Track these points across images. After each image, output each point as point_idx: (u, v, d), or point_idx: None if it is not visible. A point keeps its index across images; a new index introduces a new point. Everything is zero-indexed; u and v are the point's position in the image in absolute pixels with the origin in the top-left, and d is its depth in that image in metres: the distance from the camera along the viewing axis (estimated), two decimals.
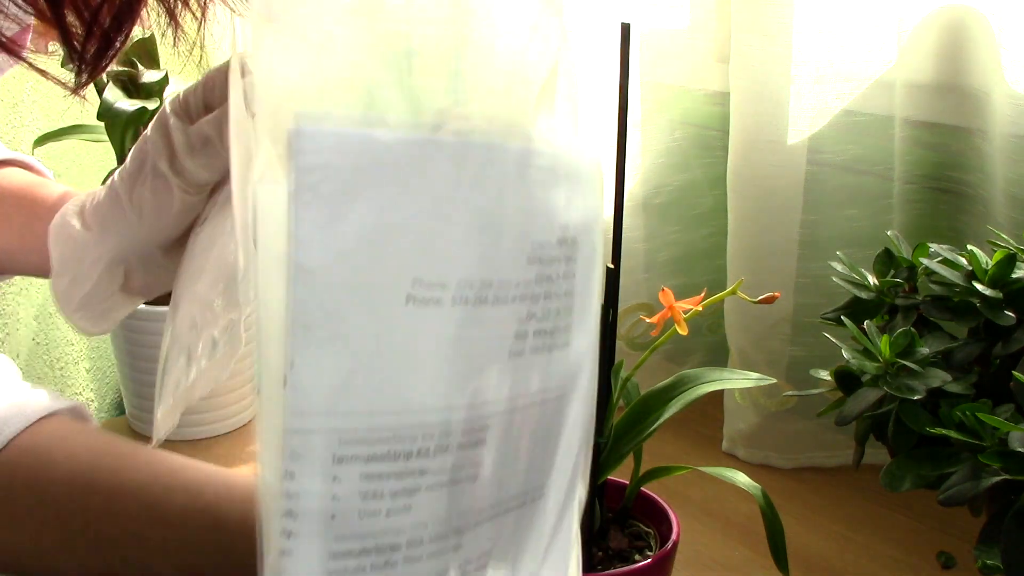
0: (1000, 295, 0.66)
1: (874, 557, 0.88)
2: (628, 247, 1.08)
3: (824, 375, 0.70)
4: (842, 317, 0.71)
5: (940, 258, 0.70)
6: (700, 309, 0.67)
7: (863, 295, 0.73)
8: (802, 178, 0.93)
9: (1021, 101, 0.81)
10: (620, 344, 1.09)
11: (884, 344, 0.65)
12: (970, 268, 0.68)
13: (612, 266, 0.68)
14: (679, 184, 1.10)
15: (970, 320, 0.67)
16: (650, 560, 0.72)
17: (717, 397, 1.04)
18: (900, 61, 0.90)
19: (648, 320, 0.69)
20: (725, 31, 1.02)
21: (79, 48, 0.46)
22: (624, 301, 0.95)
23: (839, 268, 0.75)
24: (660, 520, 0.75)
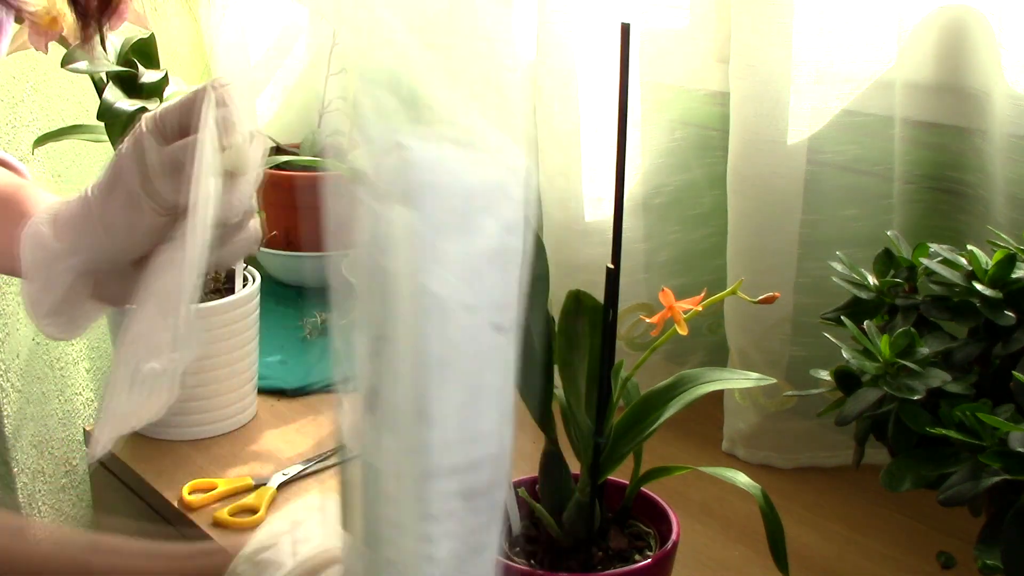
0: (1000, 295, 0.66)
1: (874, 557, 0.88)
2: (628, 247, 1.08)
3: (824, 375, 0.70)
4: (842, 317, 0.71)
5: (940, 258, 0.70)
6: (700, 309, 0.67)
7: (863, 295, 0.73)
8: (802, 178, 0.93)
9: (1021, 101, 0.81)
10: (620, 344, 1.09)
11: (884, 344, 0.65)
12: (970, 268, 0.68)
13: (612, 266, 0.68)
14: (679, 184, 1.10)
15: (970, 320, 0.67)
16: (650, 560, 0.72)
17: (717, 397, 1.04)
18: (900, 61, 0.90)
19: (648, 320, 0.69)
20: (725, 31, 1.02)
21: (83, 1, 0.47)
22: (624, 301, 0.94)
23: (839, 268, 0.75)
24: (660, 520, 0.75)
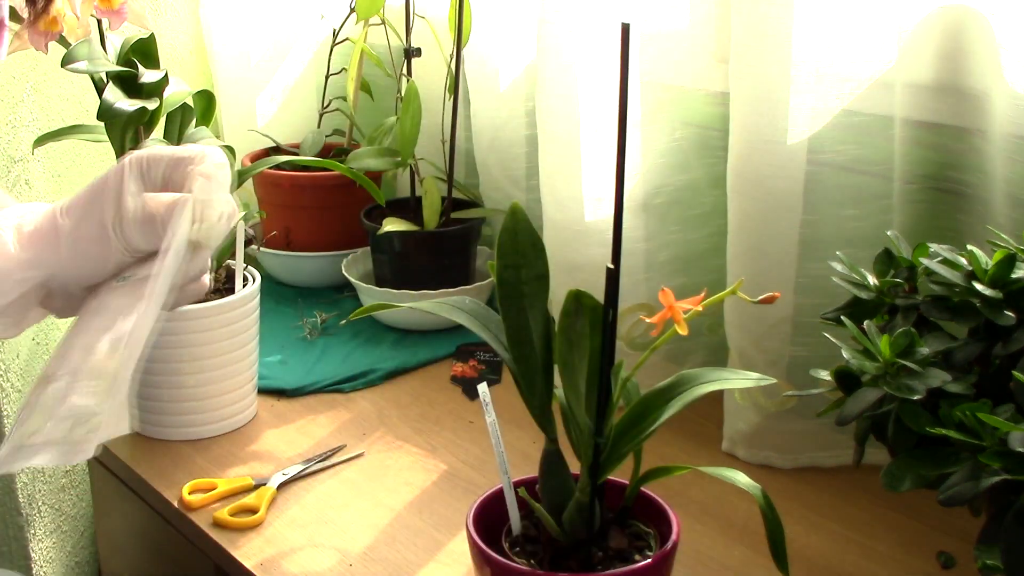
0: (1000, 295, 0.66)
1: (874, 557, 0.88)
2: (628, 247, 1.08)
3: (824, 375, 0.70)
4: (842, 317, 0.71)
5: (940, 258, 0.70)
6: (700, 309, 0.67)
7: (863, 295, 0.73)
8: (802, 178, 0.93)
9: (1021, 101, 0.81)
10: (620, 344, 1.09)
11: (884, 344, 0.65)
12: (970, 268, 0.68)
13: (612, 266, 0.68)
14: (679, 184, 1.10)
15: (970, 320, 0.67)
16: (650, 560, 0.72)
17: (717, 397, 1.04)
18: (900, 61, 0.90)
19: (648, 320, 0.69)
20: (725, 31, 1.02)
21: None
22: (624, 301, 0.95)
23: (839, 268, 0.75)
24: (660, 520, 0.75)
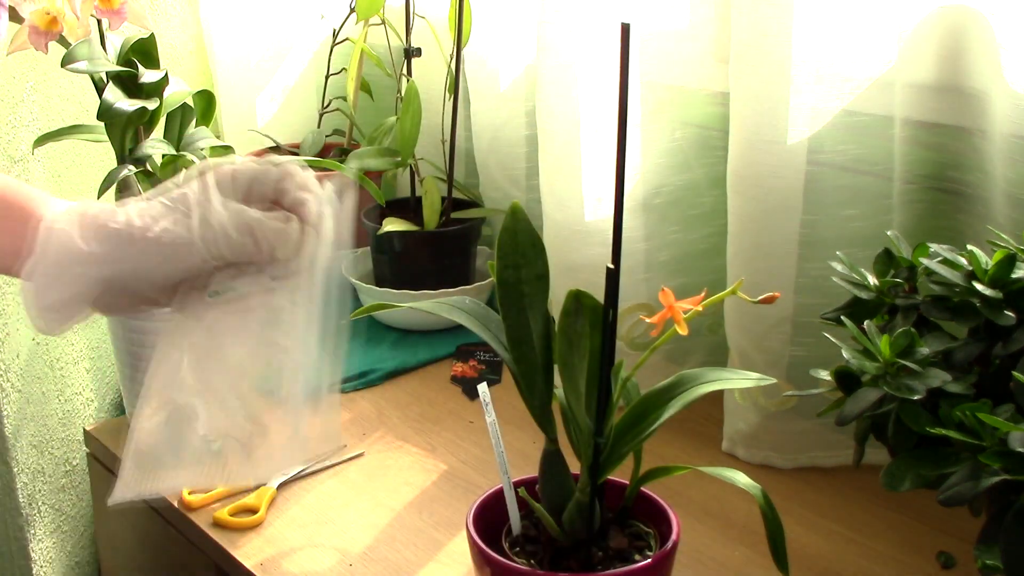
0: (1000, 295, 0.66)
1: (874, 557, 0.88)
2: (628, 247, 1.08)
3: (824, 375, 0.70)
4: (842, 317, 0.71)
5: (940, 258, 0.70)
6: (700, 309, 0.67)
7: (863, 295, 0.73)
8: (802, 178, 0.93)
9: (1021, 101, 0.81)
10: (620, 344, 1.09)
11: (884, 344, 0.65)
12: (970, 268, 0.68)
13: (612, 266, 0.68)
14: (679, 184, 1.10)
15: (970, 320, 0.67)
16: (650, 560, 0.72)
17: (717, 397, 1.04)
18: (900, 61, 0.90)
19: (648, 320, 0.69)
20: (725, 31, 1.02)
21: None
22: (624, 301, 0.94)
23: (839, 268, 0.75)
24: (660, 520, 0.75)
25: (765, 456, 1.01)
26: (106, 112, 0.97)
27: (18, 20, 0.96)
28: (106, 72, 0.98)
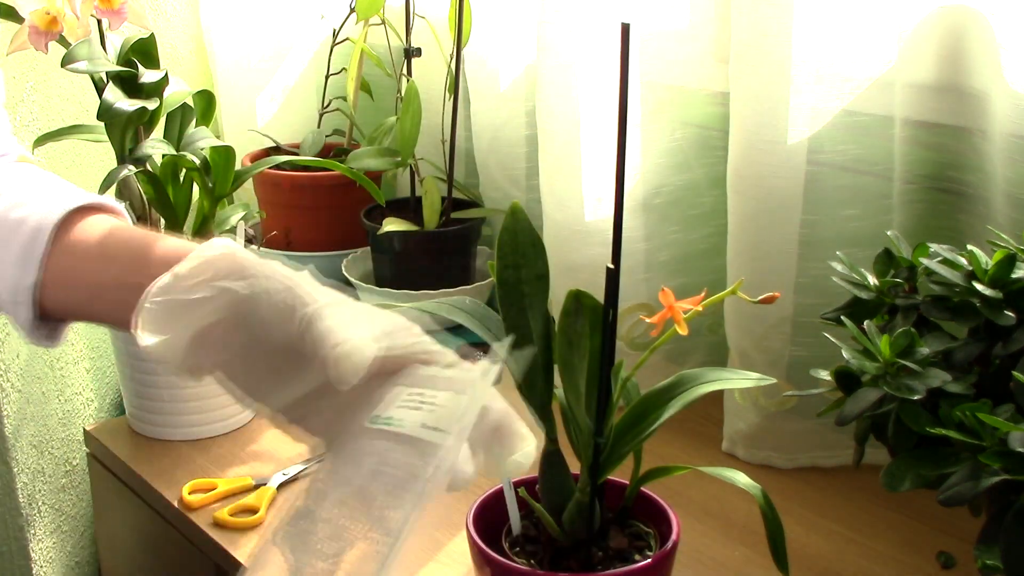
0: (1000, 295, 0.66)
1: (874, 557, 0.88)
2: (628, 247, 1.08)
3: (824, 375, 0.70)
4: (842, 317, 0.71)
5: (940, 258, 0.70)
6: (700, 309, 0.67)
7: (863, 295, 0.73)
8: (802, 178, 0.93)
9: (1021, 101, 0.81)
10: (620, 344, 1.09)
11: (884, 344, 0.65)
12: (970, 268, 0.68)
13: (612, 266, 0.68)
14: (679, 184, 1.10)
15: (970, 320, 0.67)
16: (650, 560, 0.72)
17: (717, 397, 1.04)
18: (900, 61, 0.90)
19: (648, 320, 0.69)
20: (725, 31, 1.02)
21: None
22: (624, 301, 0.94)
23: (839, 268, 0.75)
24: (660, 520, 0.75)
25: (765, 456, 1.01)
26: (106, 112, 0.97)
27: (18, 20, 0.96)
28: (106, 72, 0.98)
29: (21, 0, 0.95)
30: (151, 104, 0.99)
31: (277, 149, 1.49)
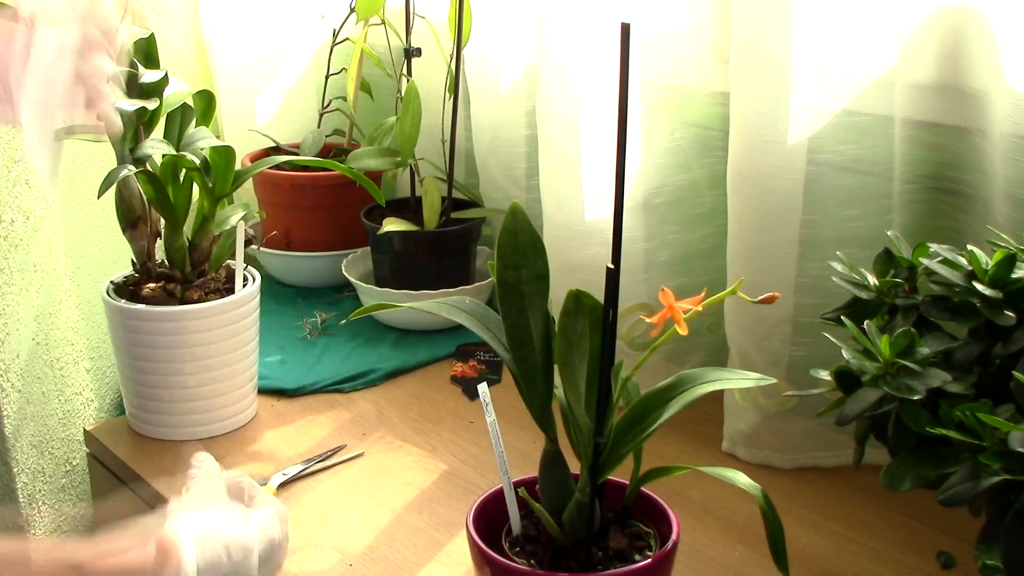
0: (1000, 295, 0.66)
1: (874, 557, 0.88)
2: (628, 247, 1.08)
3: (824, 375, 0.70)
4: (842, 317, 0.71)
5: (940, 258, 0.70)
6: (700, 309, 0.67)
7: (863, 295, 0.73)
8: (802, 178, 0.93)
9: (1021, 101, 0.81)
10: (620, 344, 1.09)
11: (884, 344, 0.65)
12: (970, 268, 0.68)
13: (612, 266, 0.68)
14: (679, 184, 1.10)
15: (970, 320, 0.67)
16: (650, 560, 0.72)
17: (717, 397, 1.04)
18: (900, 61, 0.90)
19: (648, 320, 0.69)
20: (725, 31, 1.02)
21: None
22: (624, 301, 0.95)
23: (839, 268, 0.75)
24: (660, 520, 0.75)
25: (765, 456, 1.01)
26: None
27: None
28: None
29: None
30: (151, 104, 0.99)
31: (277, 149, 1.49)
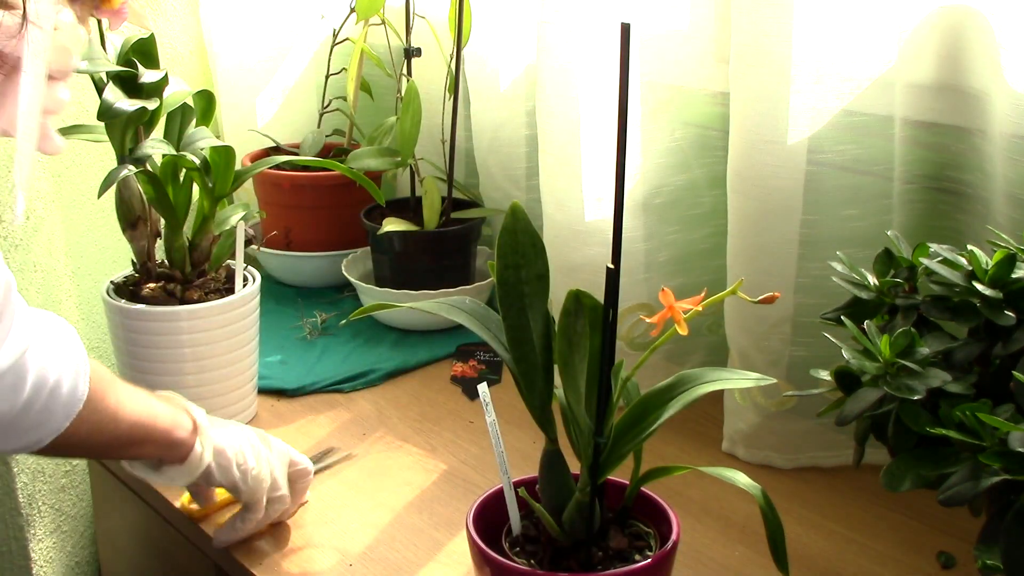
0: (1000, 295, 0.66)
1: (874, 557, 0.88)
2: (628, 247, 1.08)
3: (824, 375, 0.70)
4: (842, 317, 0.71)
5: (940, 258, 0.70)
6: (700, 309, 0.67)
7: (863, 295, 0.73)
8: (802, 178, 0.93)
9: (1021, 101, 0.81)
10: (620, 344, 1.09)
11: (884, 344, 0.65)
12: (970, 268, 0.68)
13: (612, 266, 0.68)
14: (679, 184, 1.10)
15: (970, 320, 0.67)
16: (650, 560, 0.72)
17: (717, 397, 1.04)
18: (900, 61, 0.90)
19: (648, 320, 0.69)
20: (725, 31, 1.02)
21: None
22: (624, 301, 0.95)
23: (839, 268, 0.75)
24: (660, 520, 0.75)
25: (765, 456, 1.01)
26: (106, 112, 0.97)
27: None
28: (106, 72, 0.98)
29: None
30: (151, 104, 0.99)
31: (277, 149, 1.49)
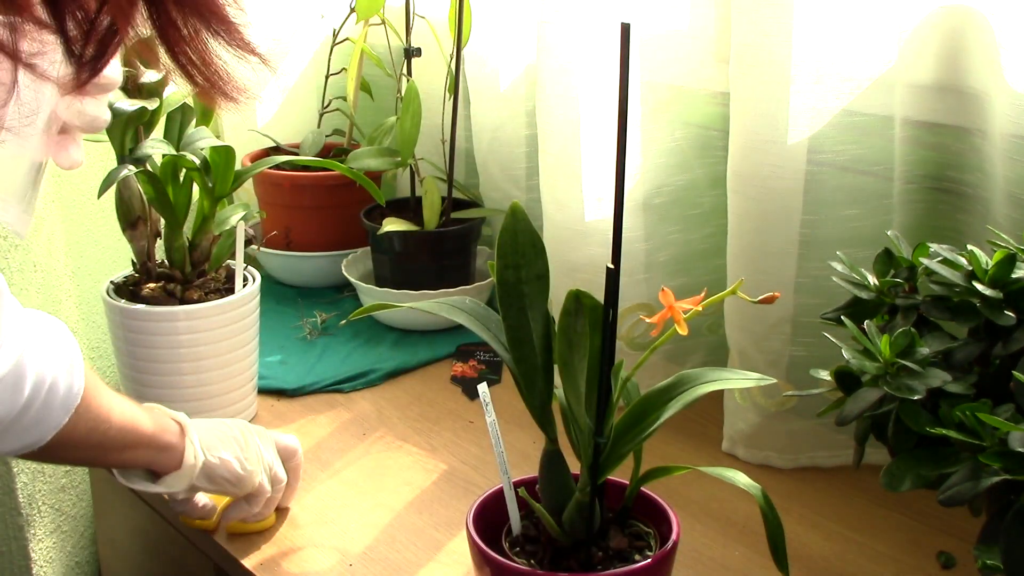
0: (1000, 295, 0.66)
1: (874, 557, 0.88)
2: (628, 247, 1.08)
3: (824, 375, 0.70)
4: (842, 317, 0.71)
5: (940, 258, 0.70)
6: (700, 309, 0.67)
7: (863, 295, 0.73)
8: (802, 178, 0.93)
9: (1021, 101, 0.81)
10: (620, 344, 1.09)
11: (884, 344, 0.65)
12: (970, 268, 0.68)
13: (612, 266, 0.68)
14: (679, 184, 1.10)
15: (970, 320, 0.67)
16: (650, 560, 0.72)
17: (717, 397, 1.04)
18: (900, 61, 0.90)
19: (648, 320, 0.69)
20: (725, 31, 1.02)
21: (78, 53, 0.46)
22: (624, 301, 0.95)
23: (839, 268, 0.75)
24: (660, 520, 0.75)
25: (765, 456, 1.01)
26: None
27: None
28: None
29: None
30: (151, 104, 0.99)
31: (277, 149, 1.49)
